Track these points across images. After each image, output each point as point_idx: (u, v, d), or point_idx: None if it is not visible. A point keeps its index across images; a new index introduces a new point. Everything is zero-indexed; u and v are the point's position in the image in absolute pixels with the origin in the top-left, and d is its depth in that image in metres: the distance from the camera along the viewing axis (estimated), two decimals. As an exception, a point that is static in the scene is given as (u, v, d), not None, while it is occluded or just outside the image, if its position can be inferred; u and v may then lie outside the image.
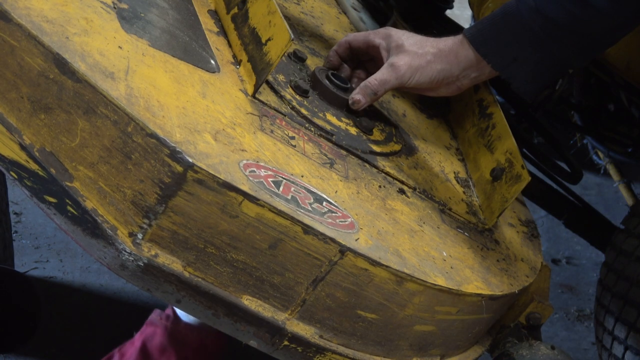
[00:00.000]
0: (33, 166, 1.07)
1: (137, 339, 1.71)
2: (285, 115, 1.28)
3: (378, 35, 1.43)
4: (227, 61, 1.29)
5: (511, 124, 1.53)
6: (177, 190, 1.04)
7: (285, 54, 1.32)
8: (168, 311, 1.71)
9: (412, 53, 1.38)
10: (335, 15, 1.80)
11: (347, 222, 1.16)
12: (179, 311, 1.68)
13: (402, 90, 1.55)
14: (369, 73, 1.46)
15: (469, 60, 1.38)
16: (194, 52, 1.24)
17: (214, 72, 1.23)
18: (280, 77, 1.34)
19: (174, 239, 1.07)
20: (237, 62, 1.30)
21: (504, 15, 1.36)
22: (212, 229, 1.07)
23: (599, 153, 2.94)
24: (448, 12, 2.12)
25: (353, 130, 1.38)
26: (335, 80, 1.40)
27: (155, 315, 1.71)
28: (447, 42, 1.39)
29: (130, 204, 1.06)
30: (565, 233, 2.91)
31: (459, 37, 1.39)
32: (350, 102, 1.39)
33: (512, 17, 1.34)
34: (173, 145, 1.04)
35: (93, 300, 2.18)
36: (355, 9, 1.85)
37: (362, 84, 1.39)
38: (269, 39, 1.24)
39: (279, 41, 1.22)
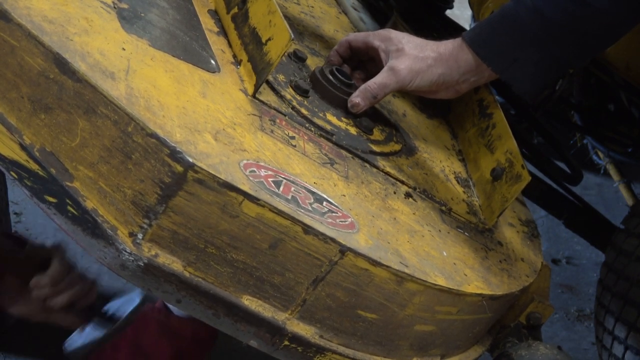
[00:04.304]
0: (33, 166, 1.07)
1: (130, 332, 1.71)
2: (285, 115, 1.28)
3: (377, 37, 1.43)
4: (228, 61, 1.29)
5: (511, 124, 1.53)
6: (178, 190, 1.04)
7: (286, 53, 1.32)
8: (159, 304, 1.71)
9: (412, 57, 1.38)
10: (335, 15, 1.80)
11: (347, 222, 1.16)
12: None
13: (402, 91, 1.55)
14: (369, 73, 1.46)
15: (468, 64, 1.38)
16: (194, 52, 1.24)
17: (214, 72, 1.23)
18: (281, 77, 1.34)
19: (174, 238, 1.07)
20: (238, 62, 1.30)
21: (502, 17, 1.36)
22: (213, 229, 1.07)
23: (599, 153, 2.95)
24: (448, 12, 2.12)
25: (353, 130, 1.37)
26: (340, 76, 1.40)
27: (146, 308, 1.71)
28: (447, 46, 1.39)
29: (130, 203, 1.06)
30: (565, 233, 2.91)
31: (458, 40, 1.38)
32: (349, 105, 1.39)
33: (511, 18, 1.34)
34: (173, 145, 1.03)
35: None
36: (355, 9, 1.85)
37: (362, 87, 1.39)
38: (269, 39, 1.24)
39: (279, 41, 1.22)
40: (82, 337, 1.72)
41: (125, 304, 1.72)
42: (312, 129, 1.30)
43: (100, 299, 1.74)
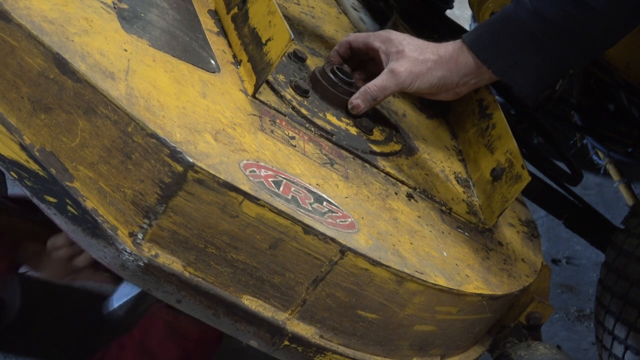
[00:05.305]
0: (33, 166, 1.07)
1: (136, 332, 1.71)
2: (285, 115, 1.28)
3: (378, 39, 1.43)
4: (227, 61, 1.29)
5: (511, 124, 1.54)
6: (178, 190, 1.04)
7: (285, 54, 1.32)
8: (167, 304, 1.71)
9: (412, 59, 1.38)
10: (335, 15, 1.80)
11: (347, 222, 1.16)
12: None
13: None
14: (370, 73, 1.46)
15: (468, 66, 1.38)
16: (194, 52, 1.24)
17: (214, 72, 1.23)
18: (281, 77, 1.34)
19: (174, 239, 1.07)
20: (237, 62, 1.30)
21: (502, 20, 1.36)
22: (213, 229, 1.07)
23: (599, 153, 2.95)
24: (448, 12, 2.12)
25: (353, 130, 1.38)
26: (341, 75, 1.40)
27: (154, 308, 1.71)
28: (447, 48, 1.39)
29: (130, 204, 1.06)
30: (565, 233, 2.91)
31: (459, 42, 1.38)
32: (349, 107, 1.39)
33: (511, 20, 1.34)
34: (173, 145, 1.04)
35: (93, 300, 2.17)
36: (355, 9, 1.85)
37: (362, 89, 1.39)
38: (269, 39, 1.24)
39: (279, 41, 1.22)
40: (122, 294, 1.72)
41: None
42: (312, 129, 1.30)
43: None
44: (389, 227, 1.23)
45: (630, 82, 2.16)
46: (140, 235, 1.06)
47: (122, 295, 1.72)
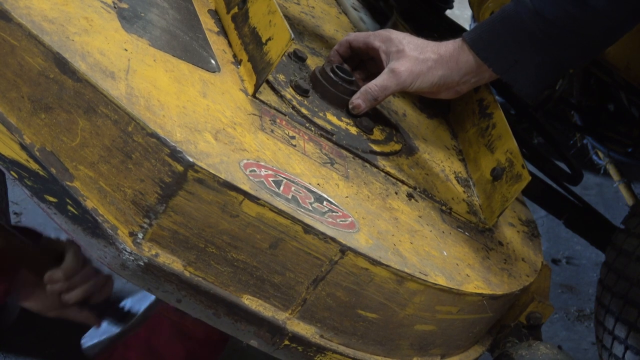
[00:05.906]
0: (33, 166, 1.07)
1: (142, 331, 1.71)
2: (285, 115, 1.28)
3: (378, 38, 1.43)
4: (228, 61, 1.29)
5: (511, 124, 1.54)
6: (178, 189, 1.04)
7: (286, 53, 1.32)
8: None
9: (412, 58, 1.38)
10: (335, 15, 1.80)
11: (347, 222, 1.16)
12: None
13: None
14: (370, 72, 1.47)
15: (469, 65, 1.38)
16: (194, 52, 1.24)
17: (214, 72, 1.23)
18: (281, 77, 1.34)
19: (175, 238, 1.07)
20: (238, 62, 1.30)
21: (503, 19, 1.36)
22: (213, 229, 1.07)
23: (599, 153, 2.95)
24: (448, 12, 2.12)
25: (353, 130, 1.38)
26: (341, 74, 1.40)
27: (160, 307, 1.71)
28: (447, 47, 1.39)
29: (130, 203, 1.06)
30: (565, 233, 2.91)
31: (459, 41, 1.38)
32: (350, 106, 1.39)
33: (511, 19, 1.34)
34: (173, 144, 1.03)
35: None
36: (355, 9, 1.85)
37: (363, 88, 1.39)
38: (269, 39, 1.24)
39: (279, 41, 1.22)
40: (98, 333, 1.72)
41: (141, 300, 1.72)
42: (312, 128, 1.30)
43: (116, 295, 1.74)
44: (389, 227, 1.23)
45: (630, 82, 2.16)
46: (140, 235, 1.06)
47: (96, 335, 1.72)
